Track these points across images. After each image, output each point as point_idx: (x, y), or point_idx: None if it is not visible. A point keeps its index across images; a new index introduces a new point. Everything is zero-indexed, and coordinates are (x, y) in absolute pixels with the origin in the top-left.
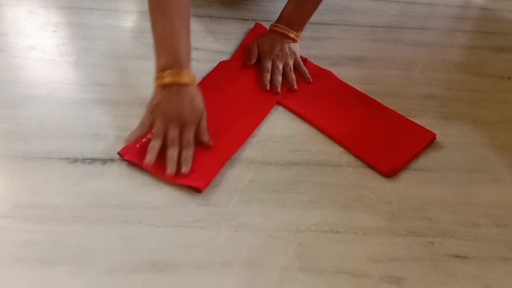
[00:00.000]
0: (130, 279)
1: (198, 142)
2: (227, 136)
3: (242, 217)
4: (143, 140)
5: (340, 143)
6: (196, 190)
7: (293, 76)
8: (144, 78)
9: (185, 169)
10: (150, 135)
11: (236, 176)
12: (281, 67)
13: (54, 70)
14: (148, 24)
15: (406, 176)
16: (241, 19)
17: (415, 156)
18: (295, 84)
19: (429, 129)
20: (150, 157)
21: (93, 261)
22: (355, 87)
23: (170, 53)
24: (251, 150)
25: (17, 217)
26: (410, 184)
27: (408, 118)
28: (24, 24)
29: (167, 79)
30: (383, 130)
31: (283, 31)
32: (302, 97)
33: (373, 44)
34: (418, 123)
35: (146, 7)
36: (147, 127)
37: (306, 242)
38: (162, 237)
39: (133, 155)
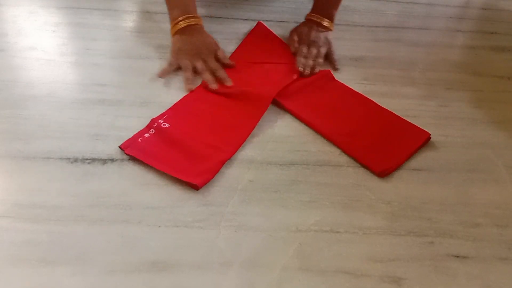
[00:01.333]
0: (130, 279)
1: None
2: (227, 136)
3: (242, 217)
4: (145, 135)
5: (334, 142)
6: (194, 187)
7: (320, 62)
8: (144, 78)
9: (228, 83)
10: (153, 131)
11: (236, 176)
12: (314, 52)
13: (54, 70)
14: (148, 24)
15: (406, 176)
16: (241, 19)
17: (409, 156)
18: (315, 69)
19: (429, 129)
20: (189, 86)
21: (93, 261)
22: (355, 87)
23: (180, 5)
24: (251, 150)
25: (17, 217)
26: (410, 184)
27: (408, 118)
28: (24, 24)
29: (182, 24)
30: (378, 130)
31: (318, 20)
32: (297, 96)
33: (373, 44)
34: (418, 123)
35: (146, 7)
36: (175, 65)
37: (306, 242)
38: (162, 237)
39: (134, 150)
